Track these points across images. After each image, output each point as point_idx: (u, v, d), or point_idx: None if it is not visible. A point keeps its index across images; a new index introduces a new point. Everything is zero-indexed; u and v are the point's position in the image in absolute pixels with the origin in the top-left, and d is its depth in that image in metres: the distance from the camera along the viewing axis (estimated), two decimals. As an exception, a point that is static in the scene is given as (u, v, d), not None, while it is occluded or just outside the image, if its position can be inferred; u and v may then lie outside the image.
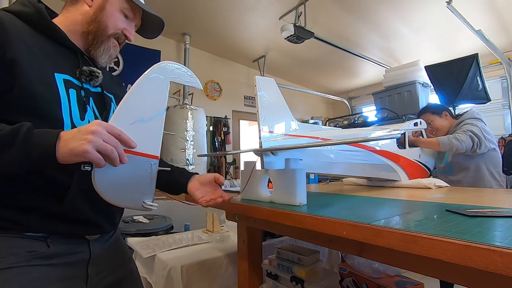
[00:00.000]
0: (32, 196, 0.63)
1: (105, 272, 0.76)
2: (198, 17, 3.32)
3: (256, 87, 0.94)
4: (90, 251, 0.72)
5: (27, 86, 0.60)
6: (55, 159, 0.54)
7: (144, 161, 0.65)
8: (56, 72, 0.67)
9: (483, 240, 0.43)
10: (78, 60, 0.74)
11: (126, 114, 0.63)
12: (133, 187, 0.65)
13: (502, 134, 3.17)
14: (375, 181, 1.48)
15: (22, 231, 0.62)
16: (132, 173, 0.64)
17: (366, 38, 3.74)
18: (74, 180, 0.66)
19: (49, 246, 0.65)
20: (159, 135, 0.68)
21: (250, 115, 4.75)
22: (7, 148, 0.52)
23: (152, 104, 0.67)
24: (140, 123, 0.64)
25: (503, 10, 3.03)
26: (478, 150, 1.68)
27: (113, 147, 0.56)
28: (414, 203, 0.90)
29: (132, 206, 0.67)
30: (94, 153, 0.54)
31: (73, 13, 0.75)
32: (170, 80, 0.69)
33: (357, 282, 1.39)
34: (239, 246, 1.39)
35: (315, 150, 1.05)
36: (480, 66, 2.40)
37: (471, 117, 1.79)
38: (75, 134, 0.54)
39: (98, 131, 0.54)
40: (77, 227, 0.69)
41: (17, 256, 0.61)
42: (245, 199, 1.04)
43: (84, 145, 0.53)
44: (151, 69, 0.66)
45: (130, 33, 0.80)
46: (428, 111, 1.92)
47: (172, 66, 0.70)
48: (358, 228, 0.58)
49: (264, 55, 4.33)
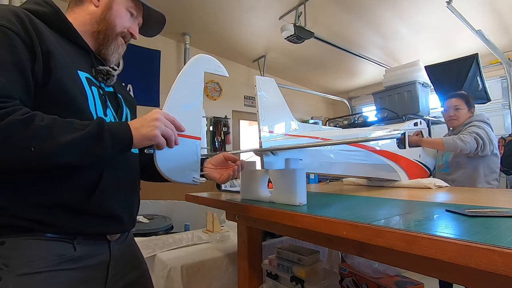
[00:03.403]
0: (60, 193, 0.63)
1: (121, 273, 0.76)
2: (198, 17, 3.32)
3: (256, 87, 0.94)
4: (110, 252, 0.73)
5: (60, 80, 0.63)
6: (131, 146, 0.62)
7: (191, 142, 0.75)
8: (78, 70, 0.69)
9: (483, 240, 0.43)
10: (91, 60, 0.75)
11: (175, 102, 0.73)
12: (184, 165, 0.75)
13: (502, 134, 3.17)
14: (375, 181, 1.48)
15: (49, 233, 0.62)
16: (183, 153, 0.74)
17: (366, 38, 3.74)
18: (103, 175, 0.68)
19: (75, 249, 0.65)
20: (199, 119, 0.78)
21: (250, 115, 4.75)
22: (98, 141, 0.58)
23: (193, 93, 0.77)
24: (185, 110, 0.74)
25: (503, 10, 3.03)
26: (481, 153, 1.68)
27: (172, 131, 0.66)
28: (414, 203, 0.90)
29: (184, 181, 0.76)
30: (160, 136, 0.64)
31: (80, 13, 0.76)
32: (204, 70, 0.79)
33: (357, 282, 1.39)
34: (239, 246, 1.39)
35: (315, 150, 1.05)
36: (480, 66, 2.39)
37: (480, 120, 1.79)
38: (142, 122, 0.64)
39: (160, 118, 0.64)
40: (103, 224, 0.70)
41: (46, 260, 0.60)
42: (245, 199, 1.04)
43: (154, 130, 0.63)
44: (190, 62, 0.77)
45: (135, 31, 0.83)
46: (464, 98, 1.90)
47: (205, 58, 0.80)
48: (358, 228, 0.58)
49: (264, 55, 4.33)
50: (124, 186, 0.75)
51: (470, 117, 1.87)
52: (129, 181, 0.78)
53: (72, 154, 0.57)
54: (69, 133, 0.56)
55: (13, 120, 0.51)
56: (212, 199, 1.18)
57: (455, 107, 1.88)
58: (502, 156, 2.55)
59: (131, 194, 0.79)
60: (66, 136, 0.55)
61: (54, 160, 0.56)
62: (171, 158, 0.71)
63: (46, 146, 0.54)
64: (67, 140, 0.55)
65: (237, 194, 1.21)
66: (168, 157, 0.70)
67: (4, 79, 0.54)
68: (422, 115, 2.57)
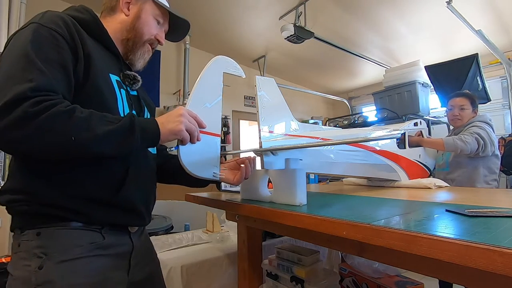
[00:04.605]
0: (95, 187, 0.67)
1: (141, 264, 0.80)
2: (198, 17, 3.32)
3: (256, 87, 0.94)
4: (132, 243, 0.77)
5: (96, 82, 0.68)
6: (159, 139, 0.67)
7: (211, 138, 0.79)
8: (110, 73, 0.74)
9: (483, 240, 0.43)
10: (120, 64, 0.81)
11: (197, 100, 0.77)
12: (205, 160, 0.79)
13: (502, 134, 3.17)
14: (375, 181, 1.48)
15: (79, 222, 0.66)
16: (204, 149, 0.78)
17: (366, 38, 3.74)
18: (128, 171, 0.72)
19: (104, 237, 0.69)
20: (219, 117, 0.82)
21: (250, 115, 4.75)
22: (130, 134, 0.63)
23: (213, 92, 0.81)
24: (205, 108, 0.78)
25: (503, 10, 3.03)
26: (481, 153, 1.68)
27: (195, 127, 0.71)
28: (414, 203, 0.90)
29: (205, 176, 0.80)
30: (185, 131, 0.70)
31: (112, 22, 0.82)
32: (223, 71, 0.84)
33: (357, 282, 1.39)
34: (239, 246, 1.39)
35: (315, 150, 1.05)
36: (480, 66, 2.39)
37: (482, 121, 1.79)
38: (168, 118, 0.69)
39: (185, 114, 0.70)
40: (127, 217, 0.74)
41: (81, 248, 0.65)
42: (245, 199, 1.04)
43: (179, 125, 0.68)
44: (210, 63, 0.82)
45: (162, 38, 0.89)
46: (470, 98, 1.88)
47: (223, 60, 0.85)
48: (358, 228, 0.58)
49: (264, 55, 4.33)
50: (144, 182, 0.80)
51: (473, 118, 1.86)
52: (149, 178, 0.83)
53: (107, 145, 0.61)
54: (104, 125, 0.60)
55: (58, 111, 0.56)
56: (212, 199, 1.18)
57: (460, 107, 1.85)
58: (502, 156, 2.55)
59: (149, 191, 0.83)
60: (102, 128, 0.60)
61: (91, 149, 0.60)
62: (194, 154, 0.75)
63: (85, 136, 0.58)
64: (103, 132, 0.60)
65: (237, 194, 1.21)
66: (190, 153, 0.75)
67: (52, 75, 0.60)
68: (422, 115, 2.57)
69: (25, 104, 0.54)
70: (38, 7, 2.43)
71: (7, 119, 0.53)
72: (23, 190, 0.64)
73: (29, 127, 0.54)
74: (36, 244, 0.62)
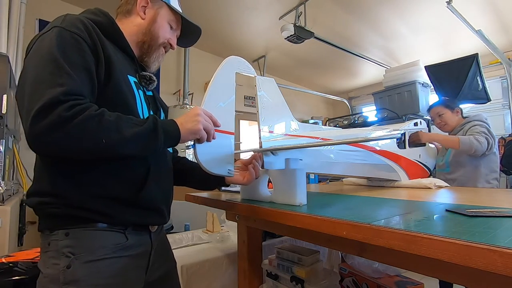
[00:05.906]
0: (118, 186, 0.69)
1: (158, 263, 0.82)
2: (198, 17, 3.32)
3: (256, 87, 0.94)
4: (152, 242, 0.78)
5: (117, 83, 0.70)
6: (179, 139, 0.70)
7: (226, 136, 0.81)
8: (128, 75, 0.76)
9: (483, 240, 0.43)
10: (136, 66, 0.82)
11: (211, 100, 0.79)
12: (221, 158, 0.81)
13: (502, 134, 3.17)
14: (375, 181, 1.48)
15: (105, 223, 0.68)
16: (219, 147, 0.80)
17: (366, 38, 3.74)
18: (149, 171, 0.74)
19: (127, 238, 0.71)
20: (232, 115, 0.84)
21: (250, 115, 4.74)
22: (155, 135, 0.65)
23: (226, 91, 0.83)
24: (219, 107, 0.81)
25: (503, 10, 3.03)
26: (488, 151, 1.69)
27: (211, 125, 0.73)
28: (414, 203, 0.90)
29: (221, 173, 0.82)
30: (203, 130, 0.72)
31: (128, 25, 0.83)
32: (236, 71, 0.86)
33: (357, 282, 1.39)
34: (239, 246, 1.39)
35: (315, 150, 1.05)
36: (480, 66, 2.39)
37: (480, 120, 1.79)
38: (186, 118, 0.71)
39: (201, 114, 0.72)
40: (149, 216, 0.76)
41: (105, 249, 0.67)
42: (245, 199, 1.04)
43: (198, 124, 0.70)
44: (223, 63, 0.84)
45: (174, 42, 0.91)
46: (442, 104, 1.96)
47: (235, 60, 0.88)
48: (358, 228, 0.58)
49: (264, 55, 4.33)
50: (164, 181, 0.82)
51: (458, 117, 1.89)
52: (168, 177, 0.86)
53: (134, 146, 0.64)
54: (131, 127, 0.63)
55: (90, 115, 0.58)
56: (212, 199, 1.18)
57: (437, 114, 1.94)
58: (502, 156, 2.55)
59: (169, 189, 0.85)
60: (129, 130, 0.62)
61: (119, 151, 0.62)
62: (209, 152, 0.78)
63: (114, 138, 0.60)
64: (131, 134, 0.62)
65: (237, 194, 1.21)
66: (206, 151, 0.77)
67: (79, 79, 0.61)
68: (422, 115, 2.58)
69: (60, 108, 0.56)
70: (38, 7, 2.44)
71: (44, 123, 0.55)
72: (51, 192, 0.66)
73: (65, 130, 0.56)
74: (65, 243, 0.65)
